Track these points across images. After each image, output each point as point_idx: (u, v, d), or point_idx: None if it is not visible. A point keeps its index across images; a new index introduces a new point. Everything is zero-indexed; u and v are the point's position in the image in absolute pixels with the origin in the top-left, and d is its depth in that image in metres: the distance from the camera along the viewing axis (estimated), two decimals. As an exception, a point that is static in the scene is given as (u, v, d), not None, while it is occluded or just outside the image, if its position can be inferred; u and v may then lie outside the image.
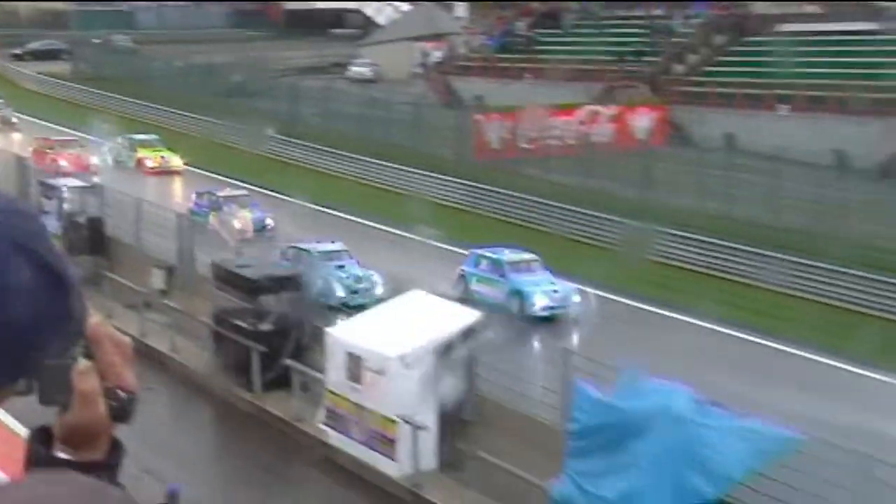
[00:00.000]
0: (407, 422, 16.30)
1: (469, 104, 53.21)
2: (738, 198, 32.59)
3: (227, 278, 20.91)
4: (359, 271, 25.71)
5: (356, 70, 68.07)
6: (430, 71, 62.13)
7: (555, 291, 25.23)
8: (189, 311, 22.15)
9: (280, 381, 19.16)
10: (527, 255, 26.37)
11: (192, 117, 51.53)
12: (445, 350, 16.82)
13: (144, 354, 21.83)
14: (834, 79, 44.23)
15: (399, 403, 16.46)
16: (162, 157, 41.83)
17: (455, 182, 38.08)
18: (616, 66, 52.30)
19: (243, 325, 19.97)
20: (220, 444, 19.96)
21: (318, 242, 26.82)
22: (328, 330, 18.13)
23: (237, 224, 31.20)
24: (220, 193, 33.24)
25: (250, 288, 20.27)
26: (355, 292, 24.88)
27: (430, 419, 16.43)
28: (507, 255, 26.26)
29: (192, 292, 23.27)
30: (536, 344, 23.83)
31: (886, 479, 12.83)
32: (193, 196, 33.64)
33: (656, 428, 13.60)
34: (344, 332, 17.78)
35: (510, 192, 36.05)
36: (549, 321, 24.76)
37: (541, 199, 34.85)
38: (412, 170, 39.49)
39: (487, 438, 15.83)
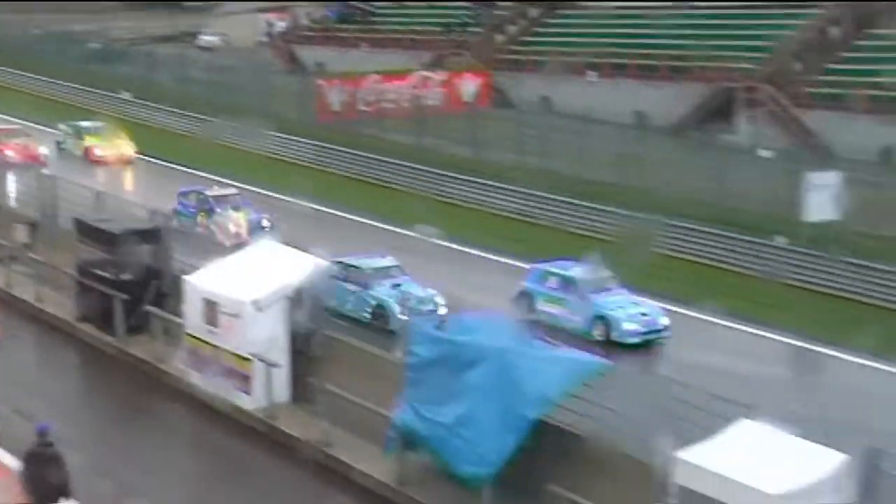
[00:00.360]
0: (260, 360, 16.19)
1: (311, 70, 52.78)
2: (553, 154, 33.12)
3: (90, 232, 20.27)
4: (419, 291, 20.95)
5: (206, 39, 66.44)
6: (276, 40, 61.26)
7: (643, 314, 20.70)
8: (53, 263, 21.41)
9: (142, 327, 18.79)
10: (602, 272, 21.15)
11: (52, 82, 49.55)
12: (295, 294, 16.70)
13: (11, 305, 21.08)
14: (635, 48, 45.28)
15: (253, 343, 16.33)
16: (111, 145, 36.47)
17: (300, 141, 37.69)
18: (444, 36, 52.57)
19: (106, 275, 19.45)
20: (88, 386, 19.42)
21: (366, 257, 21.89)
22: (186, 278, 17.79)
23: (232, 227, 26.54)
24: (210, 193, 27.74)
25: (112, 241, 19.71)
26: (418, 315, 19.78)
27: (282, 357, 16.34)
28: (580, 272, 21.14)
29: (55, 246, 22.45)
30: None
31: (682, 397, 13.35)
32: (178, 195, 27.87)
33: (484, 358, 13.82)
34: (200, 280, 17.47)
35: (351, 151, 35.92)
36: (639, 348, 20.25)
37: (380, 157, 34.81)
38: (260, 131, 38.86)
39: (336, 372, 15.82)
